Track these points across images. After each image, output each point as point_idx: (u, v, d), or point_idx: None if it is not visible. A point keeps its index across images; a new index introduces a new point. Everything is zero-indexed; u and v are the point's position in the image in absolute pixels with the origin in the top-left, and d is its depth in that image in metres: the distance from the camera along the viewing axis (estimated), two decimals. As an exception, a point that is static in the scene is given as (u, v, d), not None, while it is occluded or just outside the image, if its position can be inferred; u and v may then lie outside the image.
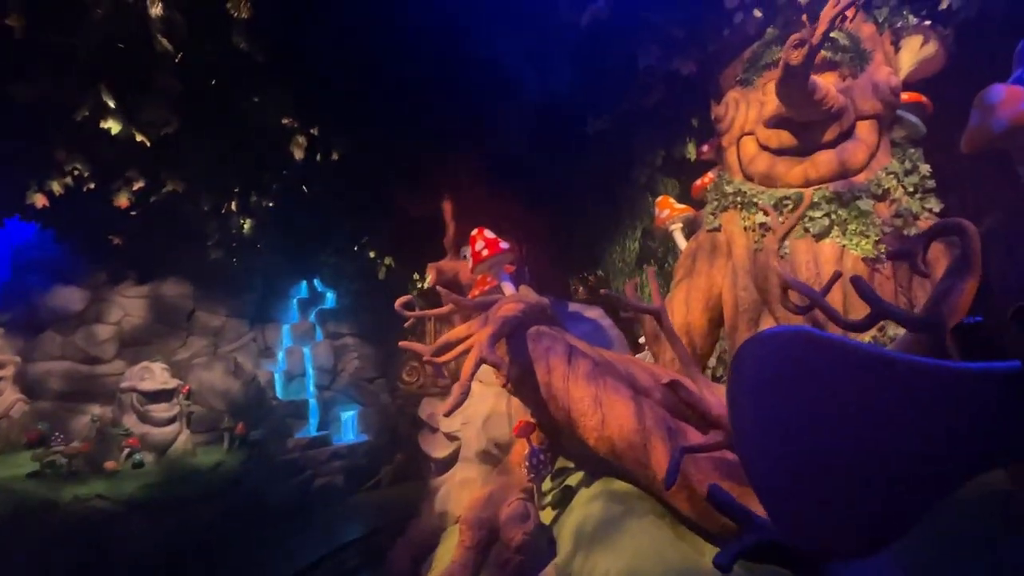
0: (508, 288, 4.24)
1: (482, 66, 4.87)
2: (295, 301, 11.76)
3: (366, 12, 4.59)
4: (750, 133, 4.13)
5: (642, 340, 5.10)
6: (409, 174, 6.61)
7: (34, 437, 6.72)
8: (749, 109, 4.18)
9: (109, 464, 6.61)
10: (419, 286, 9.56)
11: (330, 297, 12.17)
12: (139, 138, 4.67)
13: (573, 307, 5.97)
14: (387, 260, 9.20)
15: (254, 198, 6.75)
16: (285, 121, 5.28)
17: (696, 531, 2.59)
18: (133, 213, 6.22)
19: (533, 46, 4.77)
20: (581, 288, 8.06)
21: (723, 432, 2.20)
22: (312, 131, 5.50)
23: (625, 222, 6.44)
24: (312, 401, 10.59)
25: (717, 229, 4.25)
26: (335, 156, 6.00)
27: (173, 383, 7.79)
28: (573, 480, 3.53)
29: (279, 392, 10.31)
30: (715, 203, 4.32)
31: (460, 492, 4.46)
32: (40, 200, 5.04)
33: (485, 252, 4.19)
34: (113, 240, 6.81)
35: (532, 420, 3.63)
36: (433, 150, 6.06)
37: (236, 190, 6.40)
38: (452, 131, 5.69)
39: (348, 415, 11.08)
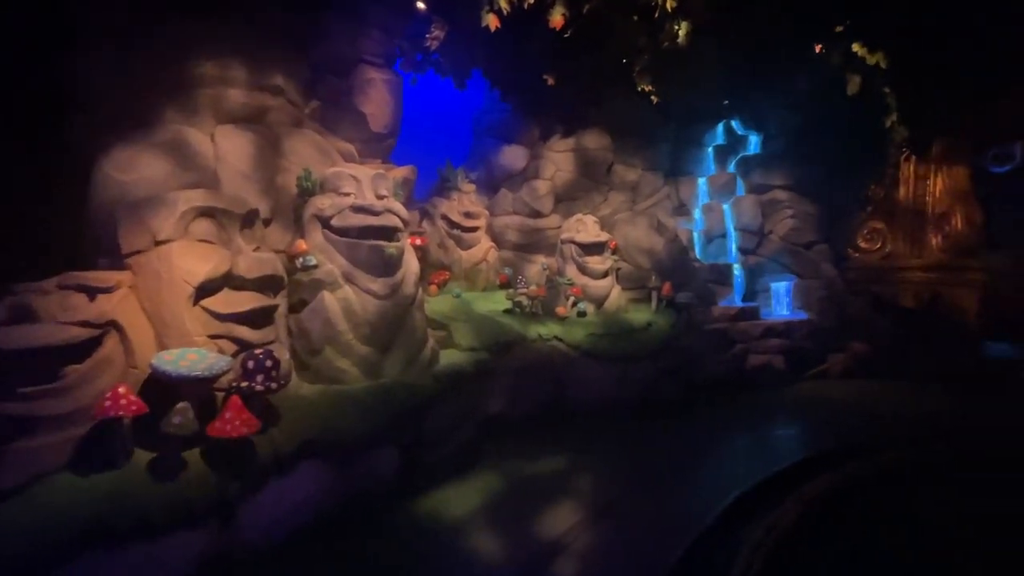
0: None
1: None
2: (711, 149, 9.92)
3: None
4: None
5: None
6: None
7: (504, 279, 7.61)
8: None
9: (560, 310, 6.86)
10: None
11: (754, 141, 9.75)
12: None
13: None
14: (874, 58, 5.97)
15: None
16: None
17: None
18: (567, 35, 5.41)
19: None
20: None
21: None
22: None
23: None
24: (736, 266, 8.97)
25: None
26: None
27: (604, 236, 7.50)
28: None
29: (698, 253, 9.11)
30: None
31: None
32: (493, 21, 4.61)
33: None
34: (548, 80, 6.40)
35: None
36: None
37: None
38: None
39: (779, 286, 9.00)
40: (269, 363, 3.37)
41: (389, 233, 4.61)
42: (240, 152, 4.55)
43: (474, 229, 7.74)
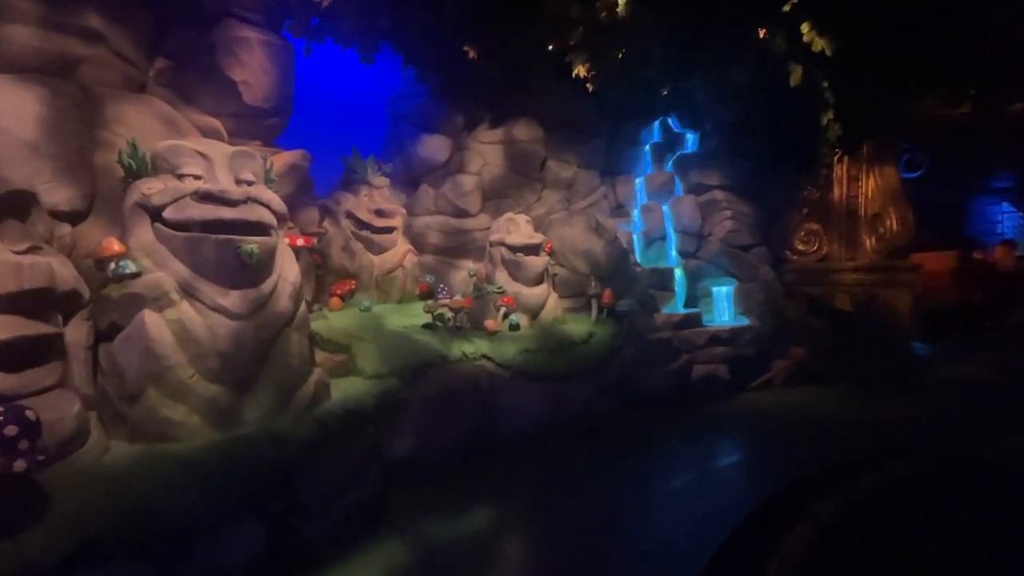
0: None
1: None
2: (648, 147, 9.40)
3: None
4: None
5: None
6: None
7: (424, 288, 6.55)
8: None
9: (489, 323, 5.91)
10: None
11: (690, 139, 9.32)
12: None
13: None
14: (819, 43, 5.52)
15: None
16: None
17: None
18: None
19: None
20: None
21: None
22: None
23: None
24: (678, 271, 8.44)
25: None
26: None
27: (538, 237, 6.66)
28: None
29: (638, 257, 8.49)
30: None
31: None
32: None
33: None
34: (469, 53, 5.45)
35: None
36: None
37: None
38: None
39: (720, 290, 8.57)
40: (12, 429, 2.12)
41: (253, 230, 3.44)
42: (22, 113, 3.20)
43: (388, 230, 6.61)
